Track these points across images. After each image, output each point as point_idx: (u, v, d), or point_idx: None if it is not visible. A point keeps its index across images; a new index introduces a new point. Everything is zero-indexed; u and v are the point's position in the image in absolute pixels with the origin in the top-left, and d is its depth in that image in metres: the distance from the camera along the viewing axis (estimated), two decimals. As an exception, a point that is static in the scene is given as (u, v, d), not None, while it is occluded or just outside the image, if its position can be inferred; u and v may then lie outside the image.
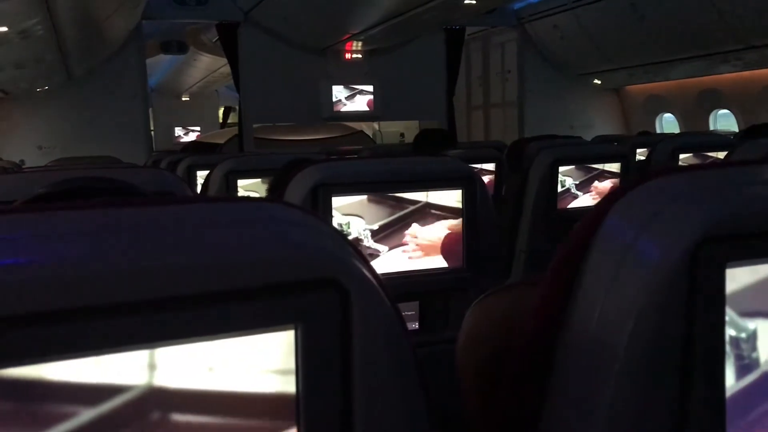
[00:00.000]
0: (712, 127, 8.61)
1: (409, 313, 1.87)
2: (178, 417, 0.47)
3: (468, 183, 1.74)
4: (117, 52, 8.44)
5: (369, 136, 12.09)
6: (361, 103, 9.64)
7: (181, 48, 11.96)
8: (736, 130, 7.28)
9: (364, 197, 1.68)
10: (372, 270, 0.54)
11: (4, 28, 4.25)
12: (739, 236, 0.58)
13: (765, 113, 7.47)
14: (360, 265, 0.52)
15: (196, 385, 0.47)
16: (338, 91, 9.48)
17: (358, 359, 0.50)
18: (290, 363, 0.48)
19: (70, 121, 8.50)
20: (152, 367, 0.46)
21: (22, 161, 6.84)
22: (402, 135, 12.82)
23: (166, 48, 11.76)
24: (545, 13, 9.10)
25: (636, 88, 10.08)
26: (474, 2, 6.84)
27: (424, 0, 6.66)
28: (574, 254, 0.64)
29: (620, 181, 3.14)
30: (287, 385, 0.48)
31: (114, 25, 7.05)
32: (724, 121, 8.65)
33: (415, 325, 1.87)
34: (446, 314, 1.90)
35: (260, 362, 0.48)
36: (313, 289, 0.48)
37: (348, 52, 9.34)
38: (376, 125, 13.45)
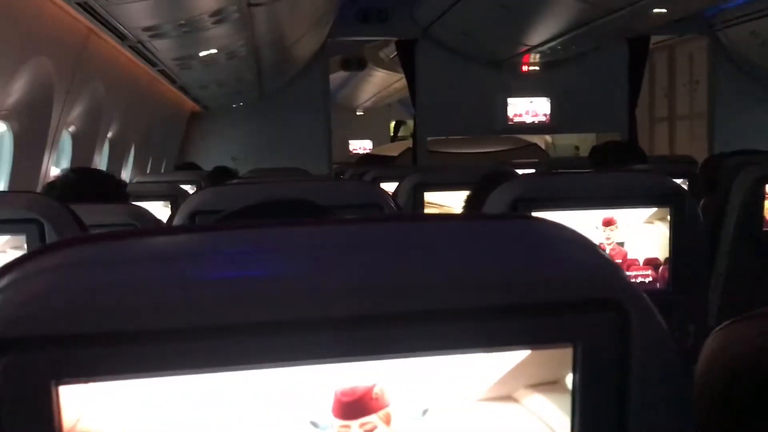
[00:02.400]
0: None
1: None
2: (472, 416, 0.48)
3: (677, 200, 1.65)
4: (303, 70, 8.97)
5: (542, 149, 11.85)
6: (536, 115, 9.48)
7: (360, 65, 12.44)
8: None
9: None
10: (641, 291, 0.53)
11: (214, 51, 4.67)
12: None
13: None
14: (633, 285, 0.51)
15: (485, 390, 0.48)
16: (514, 103, 9.39)
17: (634, 381, 0.49)
18: (566, 380, 0.49)
19: (260, 134, 9.14)
20: (433, 377, 0.48)
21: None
22: (577, 148, 12.43)
23: (347, 65, 12.29)
24: (742, 19, 8.42)
25: None
26: (664, 11, 6.49)
27: (608, 10, 6.42)
28: None
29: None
30: (563, 403, 0.49)
31: (303, 44, 7.50)
32: None
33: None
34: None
35: (539, 377, 0.48)
36: (593, 308, 0.48)
37: (525, 64, 9.23)
38: (548, 138, 13.15)
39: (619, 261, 1.70)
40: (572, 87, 9.21)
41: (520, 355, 0.48)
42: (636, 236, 1.70)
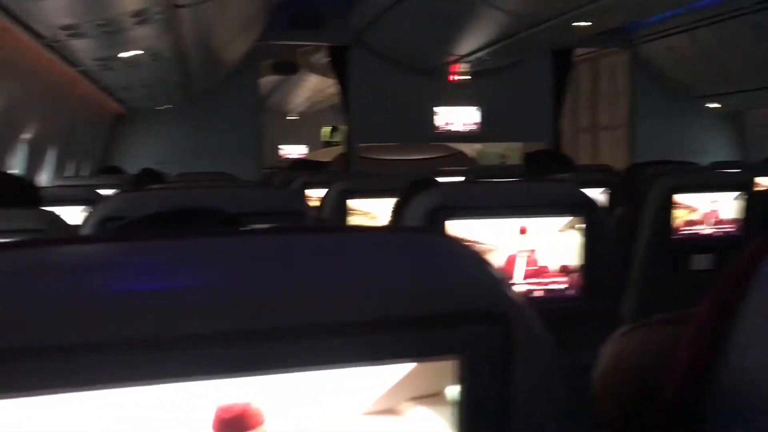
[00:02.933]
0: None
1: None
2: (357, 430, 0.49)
3: (589, 211, 1.71)
4: (232, 73, 8.85)
5: (469, 158, 12.06)
6: (465, 125, 9.64)
7: (292, 69, 12.37)
8: None
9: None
10: (526, 302, 0.54)
11: (138, 52, 4.55)
12: None
13: None
14: (518, 297, 0.53)
15: (370, 403, 0.49)
16: (443, 112, 9.53)
17: (518, 393, 0.50)
18: (451, 392, 0.50)
19: (188, 138, 8.96)
20: (315, 391, 0.49)
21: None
22: (503, 156, 12.70)
23: (278, 69, 12.20)
24: (660, 35, 8.80)
25: (757, 112, 9.55)
26: (588, 24, 6.72)
27: (534, 22, 6.60)
28: (729, 295, 0.62)
29: (745, 211, 2.98)
30: (447, 415, 0.50)
31: (232, 47, 7.40)
32: None
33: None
34: (564, 343, 1.86)
35: (421, 389, 0.49)
36: (477, 321, 0.49)
37: (454, 73, 9.38)
38: (477, 146, 13.39)
39: (534, 269, 1.75)
40: (500, 97, 9.42)
41: (405, 367, 0.48)
42: (552, 244, 1.75)
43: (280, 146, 17.42)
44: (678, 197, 3.00)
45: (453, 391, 0.49)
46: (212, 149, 8.73)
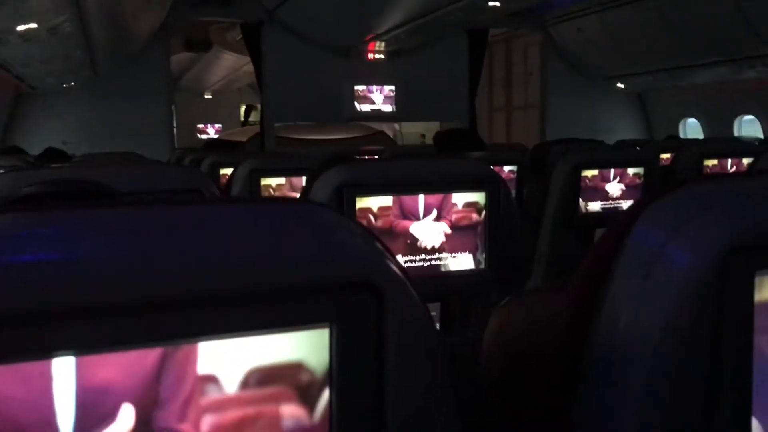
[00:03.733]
0: (736, 133, 8.52)
1: (431, 313, 1.88)
2: (218, 404, 0.48)
3: (492, 186, 1.75)
4: (142, 49, 8.54)
5: (390, 137, 12.10)
6: (383, 104, 9.66)
7: (205, 46, 12.05)
8: (761, 136, 7.20)
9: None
10: (404, 271, 0.55)
11: (34, 25, 4.31)
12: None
13: (791, 120, 7.38)
14: (393, 267, 0.54)
15: (236, 374, 0.48)
16: (361, 91, 9.51)
17: (391, 359, 0.51)
18: (326, 361, 0.50)
19: (96, 117, 8.61)
20: (189, 362, 0.48)
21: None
22: (423, 136, 12.82)
23: (191, 46, 11.86)
24: (570, 16, 9.05)
25: (660, 93, 10.00)
26: (498, 4, 6.83)
27: (447, 1, 6.66)
28: (602, 261, 0.65)
29: (644, 187, 3.12)
30: (322, 383, 0.50)
31: (141, 22, 7.13)
32: (748, 127, 8.55)
33: (436, 326, 1.88)
34: (467, 316, 1.91)
35: (304, 354, 0.49)
36: (348, 290, 0.49)
37: (371, 52, 9.36)
38: (397, 126, 13.45)
39: (441, 241, 1.78)
40: (417, 76, 9.47)
41: (285, 335, 0.48)
42: (459, 220, 1.78)
43: (198, 126, 17.01)
44: (584, 173, 3.11)
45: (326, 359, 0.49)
46: (123, 129, 8.41)
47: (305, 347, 0.50)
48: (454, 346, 1.72)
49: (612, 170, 3.15)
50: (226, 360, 0.49)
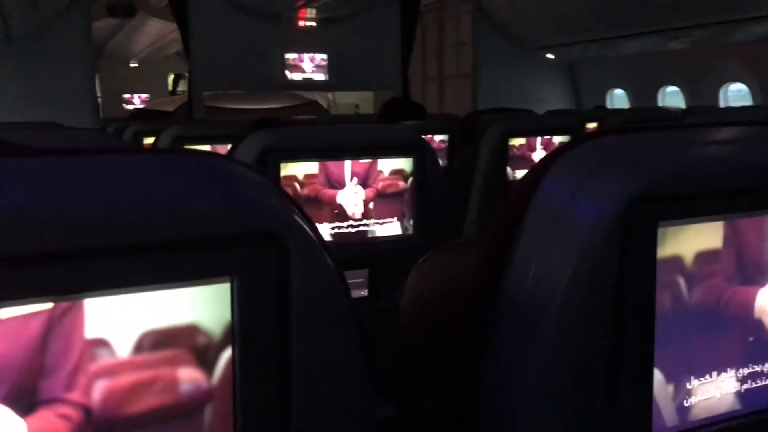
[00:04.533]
0: (660, 104, 8.80)
1: (359, 280, 1.87)
2: (110, 369, 0.46)
3: (419, 151, 1.75)
4: (61, 13, 8.14)
5: (323, 107, 11.99)
6: (314, 73, 9.53)
7: (129, 11, 11.59)
8: (683, 106, 7.45)
9: (314, 164, 1.67)
10: (314, 229, 0.53)
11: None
12: (672, 196, 0.59)
13: (710, 91, 7.66)
14: (302, 223, 0.52)
15: (129, 337, 0.46)
16: (292, 59, 9.35)
17: (296, 316, 0.50)
18: (225, 321, 0.48)
19: (10, 84, 8.18)
20: (75, 327, 0.45)
21: None
22: (357, 106, 12.74)
23: (113, 11, 11.39)
24: (500, -14, 9.10)
25: (588, 64, 10.20)
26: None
27: (379, -32, 6.58)
28: (513, 213, 0.65)
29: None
30: (221, 344, 0.48)
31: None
32: (672, 98, 8.84)
33: (364, 293, 1.88)
34: (395, 283, 1.91)
35: (200, 315, 0.47)
36: (250, 243, 0.47)
37: (302, 19, 9.20)
38: (330, 96, 13.33)
39: (368, 209, 1.77)
40: (349, 45, 9.37)
41: (181, 295, 0.46)
42: (386, 186, 1.77)
43: (124, 95, 16.45)
44: (512, 142, 3.15)
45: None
46: (42, 98, 8.02)
47: (202, 308, 0.48)
48: (381, 313, 1.72)
49: (539, 139, 3.21)
50: (118, 322, 0.46)
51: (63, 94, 8.20)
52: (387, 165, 1.76)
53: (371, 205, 1.77)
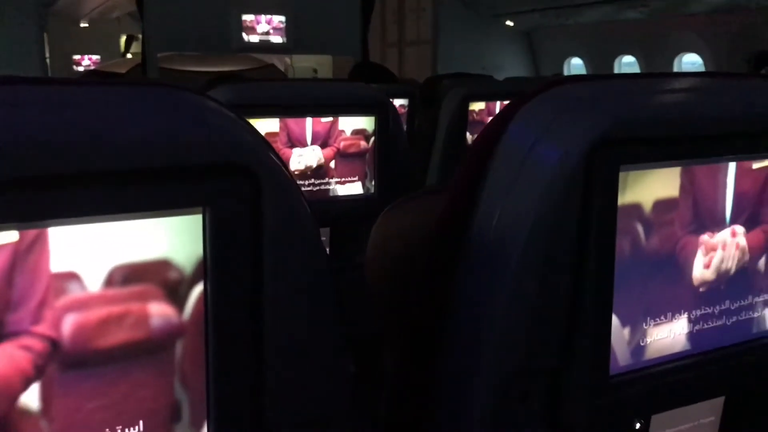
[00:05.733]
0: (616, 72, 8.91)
1: (321, 239, 1.88)
2: (79, 303, 0.46)
3: (381, 110, 1.74)
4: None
5: (281, 71, 11.81)
6: (272, 35, 9.37)
7: (79, -32, 11.17)
8: (638, 75, 7.54)
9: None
10: (285, 165, 0.54)
11: None
12: (633, 141, 0.61)
13: (665, 61, 7.79)
14: (272, 156, 0.52)
15: (99, 271, 0.46)
16: (249, 21, 9.16)
17: (267, 249, 0.50)
18: (196, 255, 0.48)
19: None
20: (41, 259, 0.45)
21: None
22: (315, 71, 12.59)
23: (62, -33, 10.96)
24: (461, -50, 9.03)
25: (547, 32, 10.25)
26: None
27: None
28: (478, 160, 0.66)
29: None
30: (193, 280, 0.48)
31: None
32: (629, 68, 8.95)
33: (326, 252, 1.89)
34: (357, 242, 1.92)
35: (172, 249, 0.47)
36: (222, 174, 0.47)
37: (252, -21, 8.99)
38: (288, 60, 13.12)
39: (330, 168, 1.76)
40: (308, 7, 9.20)
41: (152, 228, 0.46)
42: (348, 145, 1.77)
43: (74, 57, 15.92)
44: (472, 107, 3.16)
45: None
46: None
47: (174, 242, 0.48)
48: (343, 272, 1.73)
49: (498, 104, 3.22)
50: (87, 256, 0.46)
51: (8, 54, 7.91)
52: (349, 124, 1.75)
53: (332, 164, 1.77)
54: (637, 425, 0.78)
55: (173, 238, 0.48)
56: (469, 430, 0.67)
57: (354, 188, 1.81)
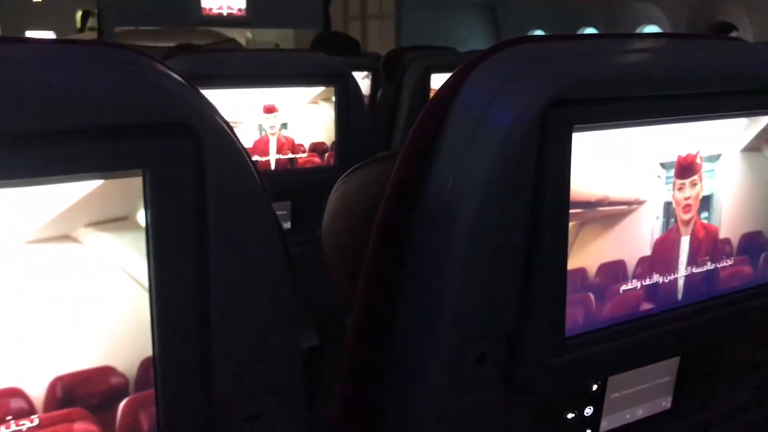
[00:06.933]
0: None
1: (282, 212, 1.86)
2: (19, 260, 0.44)
3: (341, 81, 1.72)
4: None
5: (242, 45, 11.62)
6: (231, 8, 9.20)
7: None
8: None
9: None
10: (227, 122, 0.52)
11: None
12: (587, 101, 0.60)
13: (626, 32, 7.84)
14: (218, 119, 0.50)
15: (36, 230, 0.44)
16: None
17: (211, 211, 0.48)
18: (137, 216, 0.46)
19: None
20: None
21: None
22: (276, 45, 12.41)
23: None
24: None
25: (509, 4, 10.25)
26: None
27: None
28: (432, 122, 0.65)
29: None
30: (135, 241, 0.46)
31: None
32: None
33: (288, 225, 1.87)
34: (318, 214, 1.90)
35: (103, 213, 0.45)
36: (163, 133, 0.45)
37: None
38: (249, 34, 12.91)
39: (286, 142, 1.74)
40: (268, -22, 9.06)
41: (81, 188, 0.44)
42: (304, 117, 1.74)
43: (27, 33, 15.44)
44: (435, 77, 3.14)
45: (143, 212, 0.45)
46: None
47: (112, 201, 0.46)
48: (305, 244, 1.71)
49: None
50: (21, 217, 0.44)
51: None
52: (308, 95, 1.73)
53: (289, 136, 1.74)
54: (594, 387, 0.79)
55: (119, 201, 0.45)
56: (428, 395, 0.67)
57: (313, 160, 1.79)
